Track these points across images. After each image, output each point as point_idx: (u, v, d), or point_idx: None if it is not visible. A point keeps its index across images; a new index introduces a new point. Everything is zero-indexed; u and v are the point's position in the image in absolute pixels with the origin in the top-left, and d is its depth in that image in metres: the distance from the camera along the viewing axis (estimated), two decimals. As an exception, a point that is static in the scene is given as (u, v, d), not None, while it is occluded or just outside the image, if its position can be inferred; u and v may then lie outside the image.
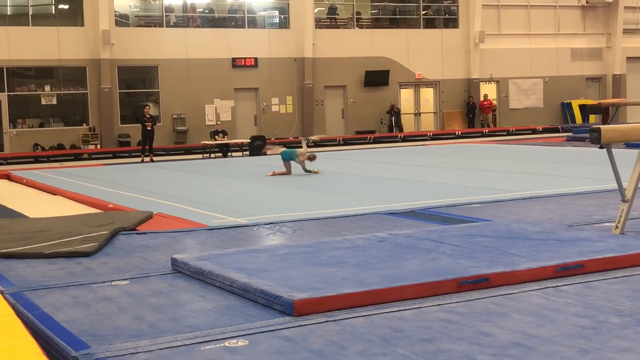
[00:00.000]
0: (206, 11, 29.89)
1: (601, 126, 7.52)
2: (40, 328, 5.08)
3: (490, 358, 4.19)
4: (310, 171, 15.71)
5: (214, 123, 27.29)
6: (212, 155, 24.86)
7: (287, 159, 15.82)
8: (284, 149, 16.51)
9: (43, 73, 27.18)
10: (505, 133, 31.78)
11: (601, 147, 7.45)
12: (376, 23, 32.46)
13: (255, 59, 29.36)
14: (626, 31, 35.50)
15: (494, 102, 33.47)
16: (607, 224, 8.28)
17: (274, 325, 4.96)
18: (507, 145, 24.49)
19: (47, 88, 27.13)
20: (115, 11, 27.65)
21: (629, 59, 35.83)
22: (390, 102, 31.31)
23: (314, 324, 4.96)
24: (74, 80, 27.47)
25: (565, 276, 6.04)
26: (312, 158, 15.84)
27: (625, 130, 7.98)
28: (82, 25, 27.18)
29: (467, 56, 32.77)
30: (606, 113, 26.48)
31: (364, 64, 30.86)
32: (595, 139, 7.38)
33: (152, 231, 9.13)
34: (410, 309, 5.25)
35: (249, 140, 25.02)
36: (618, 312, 5.01)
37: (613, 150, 7.58)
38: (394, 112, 31.27)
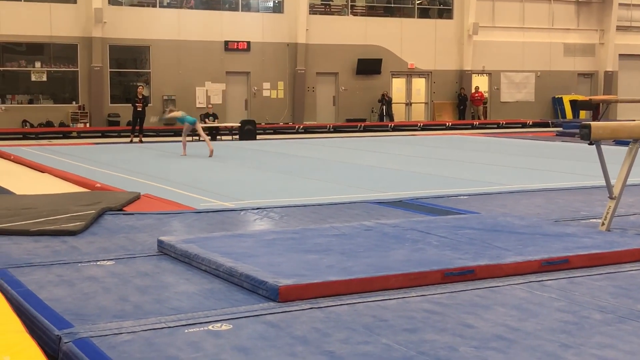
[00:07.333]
0: (200, -7, 29.72)
1: (591, 123, 7.52)
2: (24, 305, 5.05)
3: (472, 350, 4.20)
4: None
5: (205, 106, 27.18)
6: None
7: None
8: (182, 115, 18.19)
9: (34, 49, 26.99)
10: (495, 126, 31.81)
11: (590, 144, 7.45)
12: (370, 11, 32.38)
13: (248, 42, 29.25)
14: (620, 28, 35.56)
15: (485, 95, 33.51)
16: (594, 220, 8.30)
17: (258, 311, 4.95)
18: (497, 138, 24.53)
19: (38, 64, 26.97)
20: (108, -11, 27.50)
21: (621, 56, 35.89)
22: (381, 91, 31.28)
23: (298, 310, 4.96)
24: (64, 57, 27.31)
25: (550, 271, 6.05)
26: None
27: (615, 127, 7.99)
28: (75, 2, 26.98)
29: (460, 47, 32.76)
30: (597, 109, 26.51)
31: (356, 52, 30.80)
32: (585, 135, 7.38)
33: (139, 212, 9.10)
34: (394, 298, 5.26)
35: (239, 125, 24.95)
36: (601, 308, 5.03)
37: (602, 147, 7.60)
38: (385, 101, 31.23)
